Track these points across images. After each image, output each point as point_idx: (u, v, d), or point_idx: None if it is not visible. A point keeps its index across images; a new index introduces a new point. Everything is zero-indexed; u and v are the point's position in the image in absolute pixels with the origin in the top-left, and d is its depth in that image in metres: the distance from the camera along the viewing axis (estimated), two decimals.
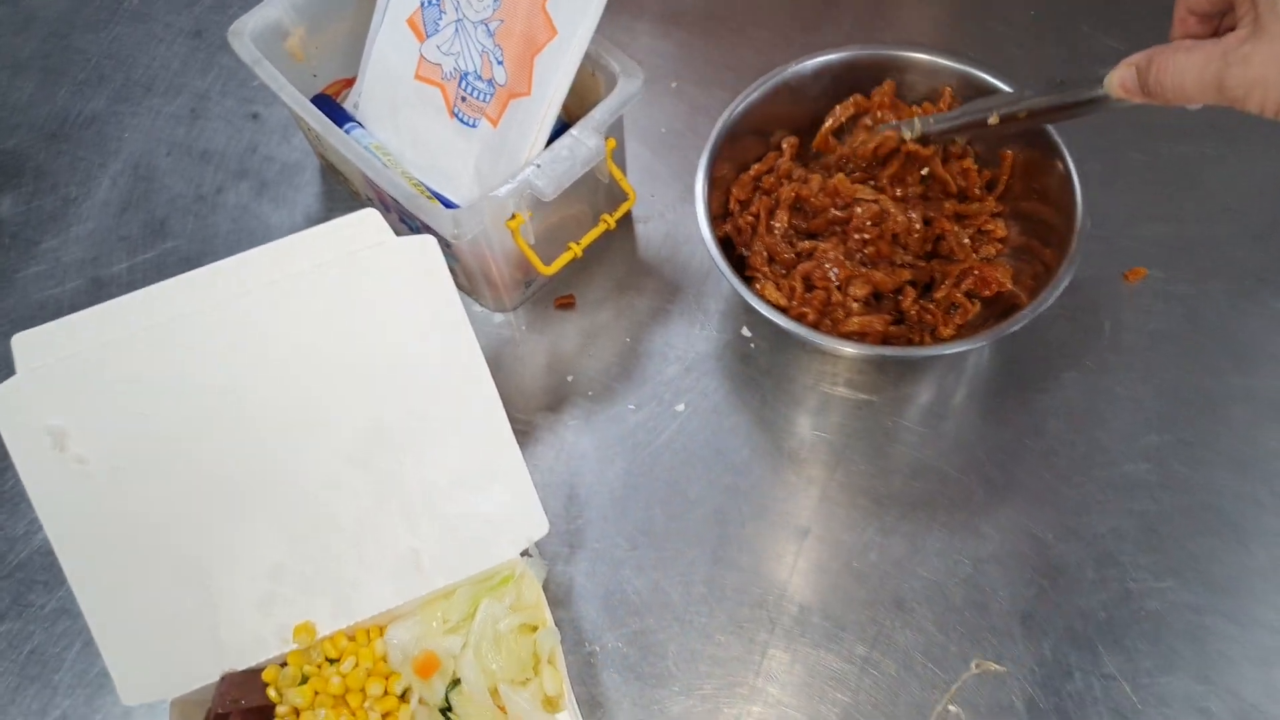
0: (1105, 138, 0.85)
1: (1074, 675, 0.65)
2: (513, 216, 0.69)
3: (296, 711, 0.61)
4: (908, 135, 0.73)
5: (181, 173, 0.91)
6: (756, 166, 0.80)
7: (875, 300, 0.74)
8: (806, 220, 0.77)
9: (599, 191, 0.78)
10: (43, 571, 0.73)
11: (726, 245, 0.77)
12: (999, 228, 0.77)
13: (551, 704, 0.62)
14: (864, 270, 0.74)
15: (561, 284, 0.83)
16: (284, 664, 0.63)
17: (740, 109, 0.77)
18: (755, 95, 0.78)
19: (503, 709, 0.62)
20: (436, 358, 0.64)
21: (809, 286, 0.73)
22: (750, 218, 0.77)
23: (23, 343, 0.59)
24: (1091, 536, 0.70)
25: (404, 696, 0.63)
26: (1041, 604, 0.68)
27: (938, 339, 0.73)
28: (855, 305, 0.72)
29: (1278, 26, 0.42)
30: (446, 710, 0.62)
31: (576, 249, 0.75)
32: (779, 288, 0.74)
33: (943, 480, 0.73)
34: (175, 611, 0.62)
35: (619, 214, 0.77)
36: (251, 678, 0.62)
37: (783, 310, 0.71)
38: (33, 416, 0.59)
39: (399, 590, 0.64)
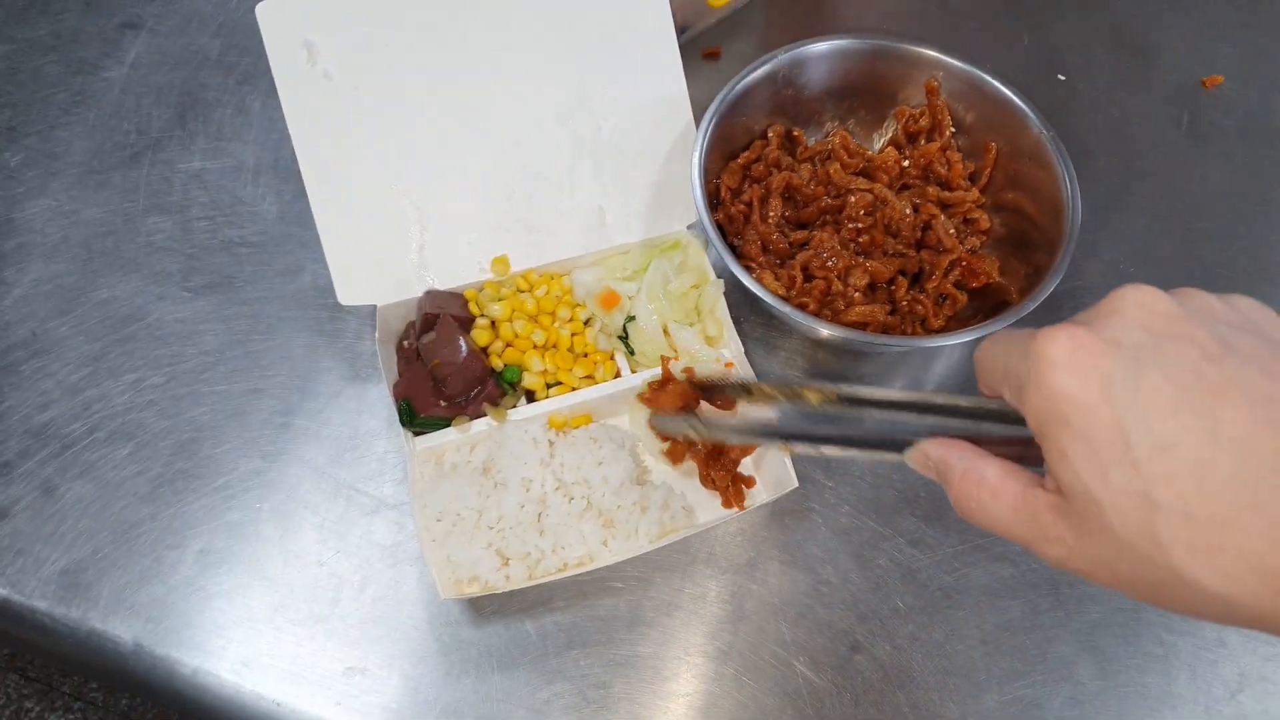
0: None
1: None
2: None
3: (494, 324, 0.70)
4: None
5: None
6: (745, 154, 0.77)
7: (870, 290, 0.73)
8: (797, 210, 0.75)
9: None
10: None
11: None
12: (983, 219, 0.75)
13: (712, 341, 0.72)
14: (860, 260, 0.72)
15: (709, 38, 0.91)
16: (481, 289, 0.72)
17: (734, 94, 0.74)
18: (749, 79, 0.74)
19: (671, 345, 0.71)
20: (640, 41, 0.73)
21: (808, 276, 0.71)
22: (743, 206, 0.75)
23: None
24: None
25: (588, 323, 0.72)
26: None
27: (928, 329, 0.72)
28: (856, 295, 0.70)
29: (1092, 515, 0.32)
30: (624, 338, 0.71)
31: None
32: (776, 277, 0.71)
33: None
34: (390, 231, 0.70)
35: None
36: (453, 295, 0.71)
37: (783, 299, 0.67)
38: (291, 30, 0.67)
39: (585, 241, 0.73)
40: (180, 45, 0.89)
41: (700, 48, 0.90)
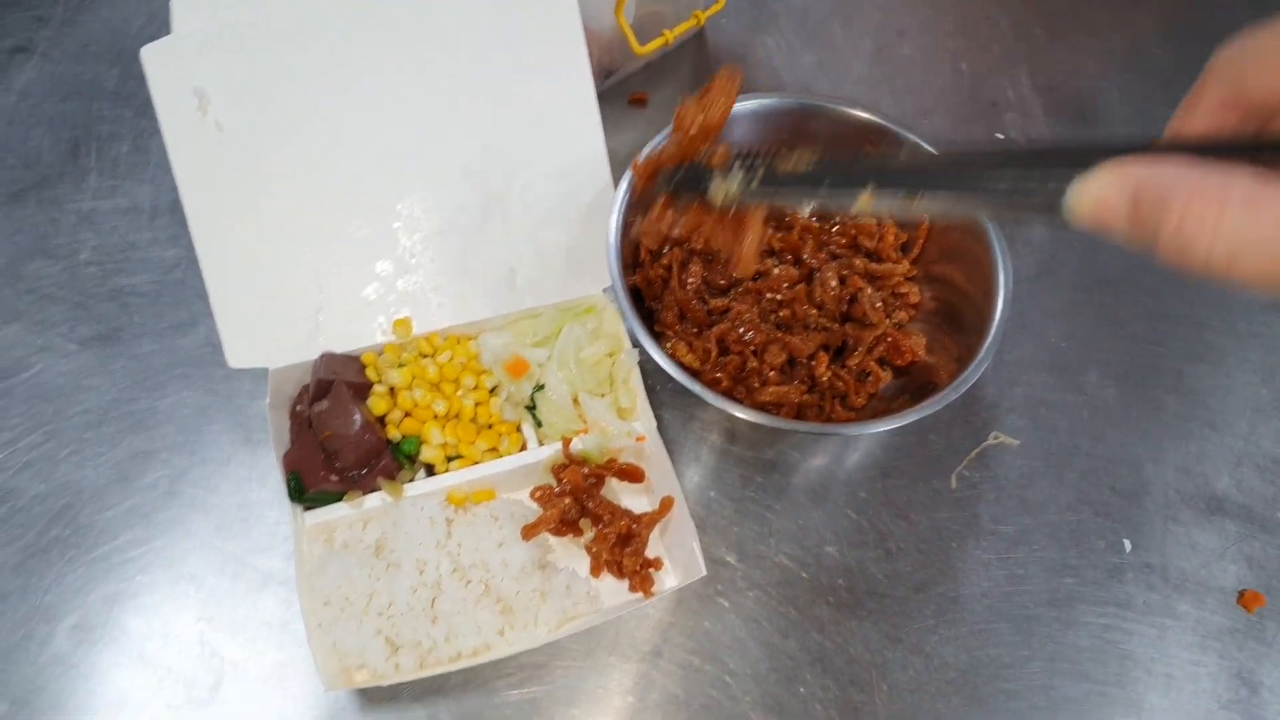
0: None
1: (1079, 453, 0.74)
2: None
3: (392, 391, 0.66)
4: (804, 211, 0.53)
5: None
6: None
7: (789, 365, 0.69)
8: (719, 275, 0.72)
9: None
10: None
11: (634, 297, 0.70)
12: (913, 292, 0.72)
13: (624, 414, 0.68)
14: (779, 335, 0.68)
15: (635, 83, 0.88)
16: (380, 353, 0.68)
17: (658, 148, 0.66)
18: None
19: (581, 416, 0.68)
20: (556, 93, 0.69)
21: (724, 350, 0.68)
22: (662, 270, 0.71)
23: (181, 4, 0.62)
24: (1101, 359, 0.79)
25: (493, 391, 0.68)
26: (1049, 395, 0.76)
27: (849, 407, 0.68)
28: (771, 374, 0.67)
29: None
30: (531, 408, 0.68)
31: (669, 35, 0.80)
32: (691, 348, 0.68)
33: None
34: (285, 289, 0.66)
35: (710, 12, 0.83)
36: (350, 359, 0.67)
37: (695, 374, 0.65)
38: (181, 76, 0.62)
39: (494, 303, 0.69)
40: (75, 73, 0.84)
41: (626, 93, 0.87)
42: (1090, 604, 0.67)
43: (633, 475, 0.67)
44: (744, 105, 0.72)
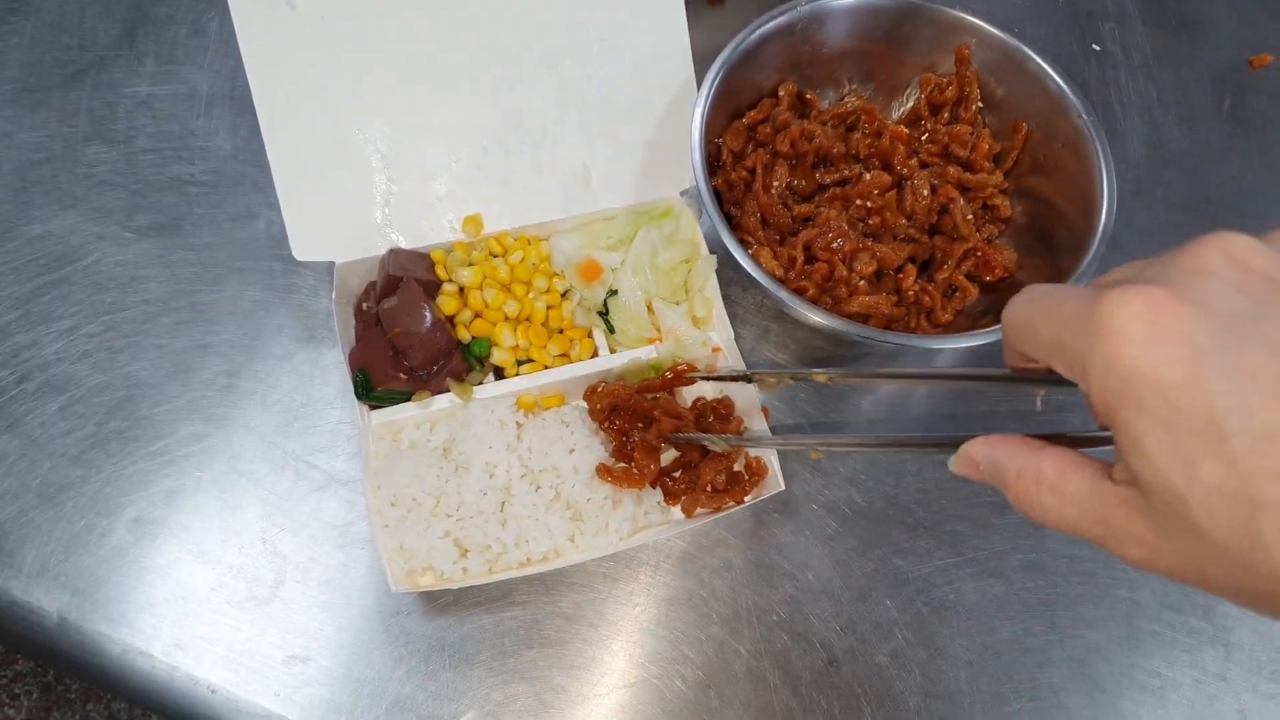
0: None
1: None
2: None
3: (462, 291, 0.64)
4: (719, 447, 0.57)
5: None
6: (751, 114, 0.69)
7: (875, 277, 0.65)
8: (804, 180, 0.68)
9: None
10: None
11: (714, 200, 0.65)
12: (1004, 205, 0.68)
13: (700, 323, 0.66)
14: (869, 243, 0.65)
15: None
16: (449, 251, 0.65)
17: (746, 45, 0.66)
18: (764, 30, 0.66)
19: (655, 324, 0.65)
20: None
21: (810, 258, 0.65)
22: (745, 172, 0.68)
23: None
24: None
25: (565, 295, 0.66)
26: None
27: (934, 322, 0.66)
28: (861, 284, 0.64)
29: (1176, 514, 0.27)
30: (604, 314, 0.65)
31: None
32: (775, 255, 0.64)
33: None
34: (354, 178, 0.63)
35: None
36: (419, 256, 0.65)
37: (780, 282, 0.61)
38: None
39: (567, 203, 0.66)
40: None
41: None
42: None
43: (686, 374, 0.63)
44: (840, 4, 0.67)
